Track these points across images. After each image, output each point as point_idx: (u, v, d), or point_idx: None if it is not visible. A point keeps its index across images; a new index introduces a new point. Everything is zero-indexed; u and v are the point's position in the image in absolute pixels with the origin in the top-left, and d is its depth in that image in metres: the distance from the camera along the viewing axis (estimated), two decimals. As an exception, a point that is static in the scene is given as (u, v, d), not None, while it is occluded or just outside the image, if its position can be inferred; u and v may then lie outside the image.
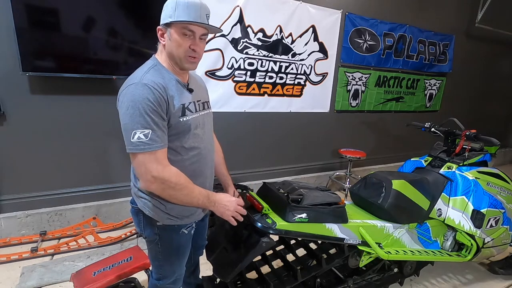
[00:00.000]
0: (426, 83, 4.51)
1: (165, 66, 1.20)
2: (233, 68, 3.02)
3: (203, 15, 1.12)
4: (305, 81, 3.46)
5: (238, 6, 2.87)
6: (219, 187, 1.57)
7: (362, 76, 3.86)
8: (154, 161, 1.09)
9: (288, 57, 3.27)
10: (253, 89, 3.19)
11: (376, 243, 1.75)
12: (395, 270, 2.07)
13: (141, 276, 1.83)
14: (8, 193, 2.47)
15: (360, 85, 3.89)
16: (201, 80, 1.44)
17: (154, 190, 1.14)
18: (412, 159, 2.37)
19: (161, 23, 1.16)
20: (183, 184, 1.14)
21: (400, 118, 4.37)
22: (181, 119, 1.16)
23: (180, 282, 1.49)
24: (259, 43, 3.06)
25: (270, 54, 3.15)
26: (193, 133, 1.21)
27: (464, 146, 2.19)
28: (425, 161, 2.28)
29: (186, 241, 1.38)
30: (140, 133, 1.06)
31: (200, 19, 1.11)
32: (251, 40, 3.01)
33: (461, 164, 2.11)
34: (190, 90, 1.24)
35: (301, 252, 1.90)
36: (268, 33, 3.08)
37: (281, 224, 1.47)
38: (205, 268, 1.94)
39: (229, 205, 1.26)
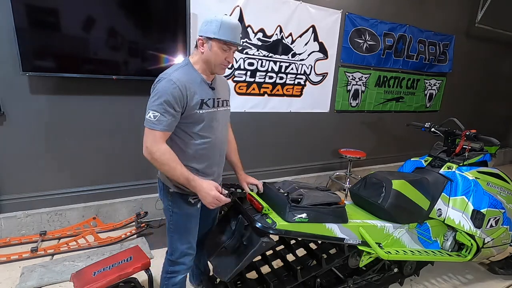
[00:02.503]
0: (426, 83, 4.51)
1: (195, 67, 1.42)
2: (233, 68, 3.02)
3: (239, 34, 1.38)
4: (305, 81, 3.47)
5: (238, 6, 2.87)
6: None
7: (362, 76, 3.86)
8: (151, 137, 1.32)
9: (288, 57, 3.27)
10: (253, 89, 3.19)
11: (376, 243, 1.75)
12: (395, 270, 2.07)
13: (141, 276, 1.83)
14: (8, 193, 2.47)
15: (360, 85, 3.89)
16: (225, 82, 1.65)
17: (146, 157, 1.37)
18: (412, 159, 2.37)
19: (203, 35, 1.36)
20: (164, 161, 1.33)
21: (400, 118, 4.37)
22: (198, 111, 1.38)
23: (188, 260, 1.59)
24: (259, 43, 3.06)
25: (270, 54, 3.15)
26: (208, 125, 1.42)
27: (464, 146, 2.19)
28: (425, 161, 2.28)
29: (194, 212, 1.53)
30: (152, 113, 1.31)
31: (237, 40, 1.37)
32: (251, 40, 3.02)
33: (461, 164, 2.11)
34: (212, 88, 1.45)
35: (301, 252, 1.90)
36: (268, 33, 3.08)
37: (281, 224, 1.47)
38: (205, 268, 1.94)
39: (206, 196, 1.37)
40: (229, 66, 1.49)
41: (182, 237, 1.55)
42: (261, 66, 3.14)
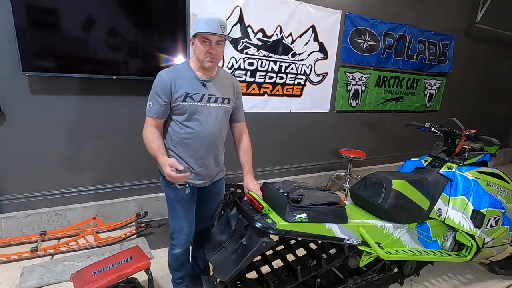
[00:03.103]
0: (426, 83, 4.51)
1: (191, 65, 1.59)
2: (233, 68, 3.02)
3: (217, 26, 1.45)
4: (305, 81, 3.47)
5: (238, 6, 2.87)
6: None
7: (362, 76, 3.86)
8: (146, 121, 1.59)
9: (288, 57, 3.27)
10: (253, 89, 3.19)
11: (376, 243, 1.75)
12: (395, 270, 2.07)
13: (141, 276, 1.83)
14: (8, 193, 2.47)
15: (360, 85, 3.89)
16: (231, 82, 1.71)
17: None
18: (412, 159, 2.37)
19: (191, 35, 1.56)
20: (146, 141, 1.57)
21: (400, 118, 4.37)
22: (182, 103, 1.54)
23: (180, 238, 1.71)
24: (259, 43, 3.06)
25: (270, 54, 3.15)
26: (192, 116, 1.56)
27: (464, 146, 2.19)
28: (425, 161, 2.28)
29: (180, 197, 1.65)
30: (148, 102, 1.57)
31: (214, 30, 1.45)
32: (251, 40, 3.02)
33: (461, 164, 2.11)
34: (204, 85, 1.57)
35: (301, 252, 1.90)
36: (268, 33, 3.08)
37: (281, 224, 1.47)
38: (205, 268, 1.94)
39: (164, 172, 1.48)
40: (214, 58, 1.53)
41: (174, 217, 1.71)
42: (261, 66, 3.14)
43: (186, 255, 1.83)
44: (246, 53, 3.03)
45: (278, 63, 3.23)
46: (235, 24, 2.90)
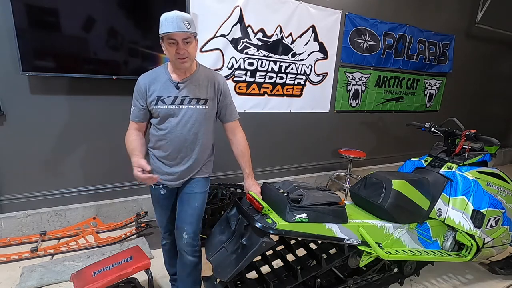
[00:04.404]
0: (426, 83, 4.51)
1: (168, 67, 1.58)
2: (233, 68, 3.02)
3: (180, 23, 1.40)
4: (305, 81, 3.47)
5: (238, 6, 2.87)
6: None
7: (362, 76, 3.86)
8: (130, 123, 1.65)
9: (288, 57, 3.27)
10: (253, 89, 3.19)
11: (376, 243, 1.75)
12: (395, 270, 2.07)
13: (141, 276, 1.83)
14: (8, 193, 2.47)
15: (360, 85, 3.89)
16: (210, 81, 1.62)
17: None
18: (412, 159, 2.37)
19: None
20: (125, 143, 1.62)
21: (400, 118, 4.37)
22: (154, 107, 1.55)
23: (162, 230, 1.83)
24: (259, 43, 3.06)
25: (270, 54, 3.15)
26: (164, 120, 1.57)
27: (464, 146, 2.19)
28: (425, 161, 2.28)
29: (157, 196, 1.73)
30: (131, 106, 1.63)
31: (177, 29, 1.39)
32: (251, 40, 3.02)
33: (461, 164, 2.11)
34: (177, 88, 1.55)
35: (301, 252, 1.90)
36: (268, 33, 3.08)
37: (281, 224, 1.47)
38: (205, 268, 1.94)
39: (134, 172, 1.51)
40: (185, 57, 1.47)
41: (155, 212, 1.81)
42: (261, 66, 3.14)
43: (175, 250, 1.84)
44: (246, 53, 3.03)
45: (278, 63, 3.23)
46: (235, 24, 2.90)
